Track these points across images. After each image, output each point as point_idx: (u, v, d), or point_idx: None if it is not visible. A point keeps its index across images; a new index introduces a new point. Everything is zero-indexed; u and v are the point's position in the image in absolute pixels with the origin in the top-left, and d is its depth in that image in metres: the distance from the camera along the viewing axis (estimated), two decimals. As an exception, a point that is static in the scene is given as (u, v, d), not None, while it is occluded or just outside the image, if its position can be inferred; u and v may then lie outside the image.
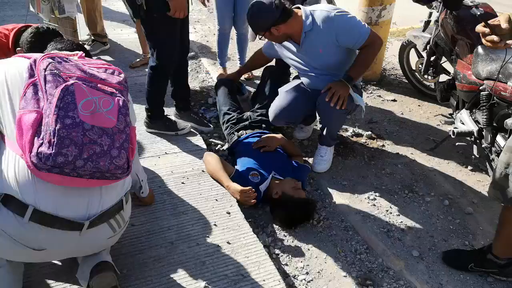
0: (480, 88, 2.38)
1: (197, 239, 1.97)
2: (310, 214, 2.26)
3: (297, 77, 2.83)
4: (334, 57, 2.52)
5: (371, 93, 3.62)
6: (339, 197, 2.47)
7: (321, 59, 2.53)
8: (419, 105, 3.47)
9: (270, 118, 2.69)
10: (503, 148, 1.74)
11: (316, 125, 3.06)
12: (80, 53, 1.61)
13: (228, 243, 1.98)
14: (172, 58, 2.56)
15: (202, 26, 5.06)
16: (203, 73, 3.96)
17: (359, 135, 3.05)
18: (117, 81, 1.50)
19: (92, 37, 4.01)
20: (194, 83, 3.75)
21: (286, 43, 2.59)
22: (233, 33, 3.68)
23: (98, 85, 1.44)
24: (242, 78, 3.80)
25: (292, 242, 2.18)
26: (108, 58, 3.89)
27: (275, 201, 2.26)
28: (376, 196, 2.47)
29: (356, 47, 2.48)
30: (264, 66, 3.15)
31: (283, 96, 2.67)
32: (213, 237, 2.00)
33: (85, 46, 3.94)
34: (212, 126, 3.01)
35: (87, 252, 1.56)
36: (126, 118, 1.44)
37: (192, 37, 4.73)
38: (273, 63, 3.22)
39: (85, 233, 1.43)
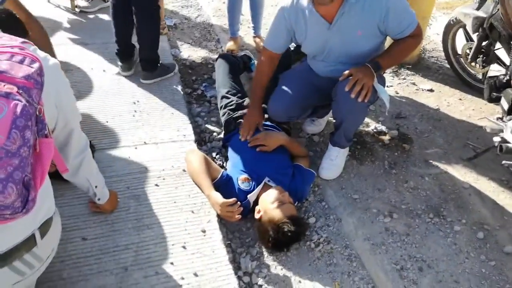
0: (546, 95, 1.83)
1: (157, 266, 1.60)
2: (298, 237, 1.83)
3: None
4: (371, 44, 2.00)
5: (404, 79, 3.06)
6: (346, 215, 2.03)
7: (356, 44, 1.99)
8: (460, 99, 2.90)
9: (269, 113, 2.22)
10: None
11: (331, 117, 2.57)
12: None
13: (195, 274, 1.60)
14: None
15: (221, -15, 4.50)
16: (213, 41, 3.48)
17: (382, 132, 2.54)
18: (24, 74, 1.05)
19: None
20: (200, 53, 3.29)
21: (311, 19, 1.99)
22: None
23: None
24: (257, 48, 3.30)
25: (281, 269, 1.78)
26: (107, 17, 3.45)
27: (257, 223, 1.84)
28: (392, 217, 2.01)
29: (397, 37, 1.96)
30: None
31: (284, 84, 2.17)
32: (178, 264, 1.62)
33: (83, 1, 3.51)
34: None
35: None
36: (24, 133, 1.00)
37: (207, -3, 4.21)
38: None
39: None
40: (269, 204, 1.82)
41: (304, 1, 1.97)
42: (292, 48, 2.55)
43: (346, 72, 1.93)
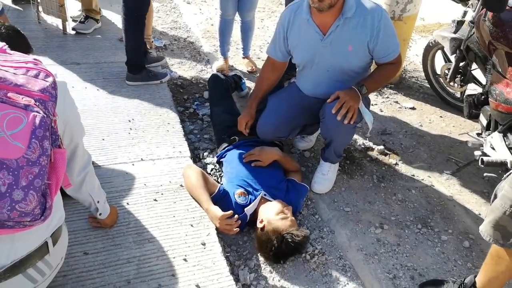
0: (522, 111, 1.97)
1: (159, 279, 1.63)
2: (300, 249, 1.89)
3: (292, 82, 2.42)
4: (358, 61, 2.11)
5: (387, 97, 3.20)
6: (339, 227, 2.10)
7: (345, 59, 2.09)
8: (441, 116, 3.05)
9: (258, 133, 2.29)
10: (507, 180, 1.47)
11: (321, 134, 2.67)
12: (1, 44, 1.23)
13: (197, 286, 1.63)
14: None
15: (208, 7, 4.63)
16: (203, 62, 3.57)
17: (369, 148, 2.65)
18: (40, 88, 1.11)
19: (85, 13, 3.62)
20: (190, 73, 3.37)
21: (306, 28, 2.09)
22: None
23: (9, 94, 1.05)
24: (245, 70, 3.42)
25: (279, 281, 1.83)
26: (98, 38, 3.51)
27: (259, 232, 1.89)
28: (383, 229, 2.09)
29: (381, 60, 2.09)
30: None
31: (272, 105, 2.27)
32: (180, 276, 1.66)
33: (79, 24, 3.55)
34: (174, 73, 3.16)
35: None
36: (43, 143, 1.05)
37: (196, 19, 4.32)
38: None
39: None
40: (274, 215, 1.88)
41: (303, 11, 2.07)
42: None
43: (333, 94, 2.04)
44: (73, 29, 3.49)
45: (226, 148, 2.34)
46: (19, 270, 1.14)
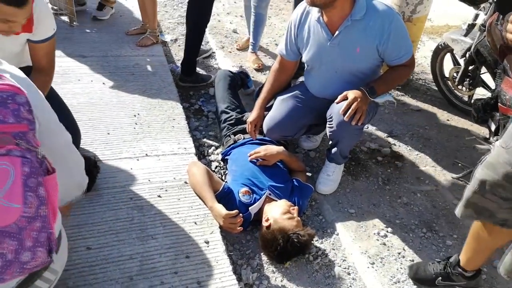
0: (532, 117, 1.94)
1: (162, 276, 1.62)
2: (305, 250, 1.88)
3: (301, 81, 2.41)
4: (367, 63, 2.09)
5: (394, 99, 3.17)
6: (343, 229, 2.08)
7: (353, 60, 2.08)
8: (448, 120, 3.02)
9: (264, 131, 2.29)
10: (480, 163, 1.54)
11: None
12: None
13: (200, 284, 1.62)
14: None
15: (216, 3, 4.58)
16: (209, 58, 3.55)
17: (375, 150, 2.63)
18: (14, 116, 0.92)
19: (100, 1, 3.63)
20: (196, 69, 3.34)
21: (315, 27, 2.08)
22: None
23: None
24: (253, 66, 3.39)
25: (281, 281, 1.82)
26: (105, 32, 3.49)
27: (264, 230, 1.88)
28: (387, 232, 2.07)
29: (393, 62, 2.07)
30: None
31: (279, 105, 2.26)
32: (182, 274, 1.64)
33: (96, 10, 3.60)
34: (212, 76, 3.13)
35: None
36: (38, 192, 0.93)
37: (202, 14, 4.29)
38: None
39: None
40: (280, 214, 1.87)
41: (314, 9, 2.05)
42: None
43: (341, 95, 2.02)
44: (93, 16, 3.59)
45: (231, 146, 2.33)
46: (26, 285, 1.09)
